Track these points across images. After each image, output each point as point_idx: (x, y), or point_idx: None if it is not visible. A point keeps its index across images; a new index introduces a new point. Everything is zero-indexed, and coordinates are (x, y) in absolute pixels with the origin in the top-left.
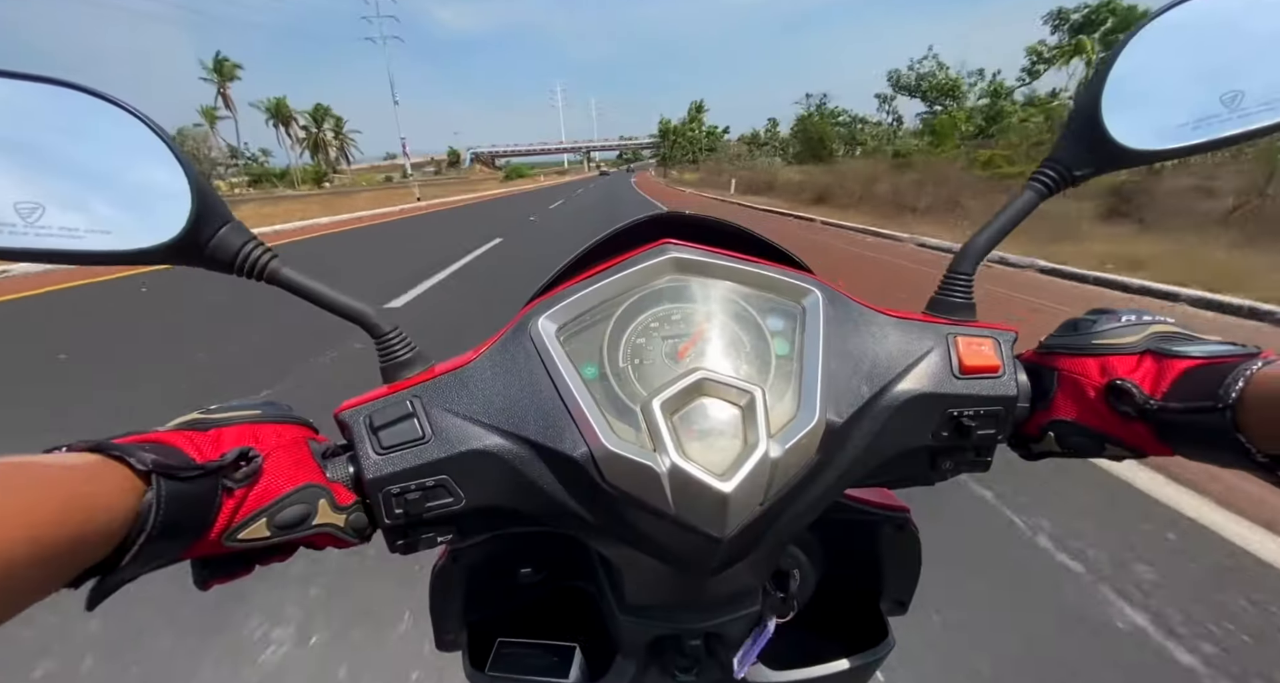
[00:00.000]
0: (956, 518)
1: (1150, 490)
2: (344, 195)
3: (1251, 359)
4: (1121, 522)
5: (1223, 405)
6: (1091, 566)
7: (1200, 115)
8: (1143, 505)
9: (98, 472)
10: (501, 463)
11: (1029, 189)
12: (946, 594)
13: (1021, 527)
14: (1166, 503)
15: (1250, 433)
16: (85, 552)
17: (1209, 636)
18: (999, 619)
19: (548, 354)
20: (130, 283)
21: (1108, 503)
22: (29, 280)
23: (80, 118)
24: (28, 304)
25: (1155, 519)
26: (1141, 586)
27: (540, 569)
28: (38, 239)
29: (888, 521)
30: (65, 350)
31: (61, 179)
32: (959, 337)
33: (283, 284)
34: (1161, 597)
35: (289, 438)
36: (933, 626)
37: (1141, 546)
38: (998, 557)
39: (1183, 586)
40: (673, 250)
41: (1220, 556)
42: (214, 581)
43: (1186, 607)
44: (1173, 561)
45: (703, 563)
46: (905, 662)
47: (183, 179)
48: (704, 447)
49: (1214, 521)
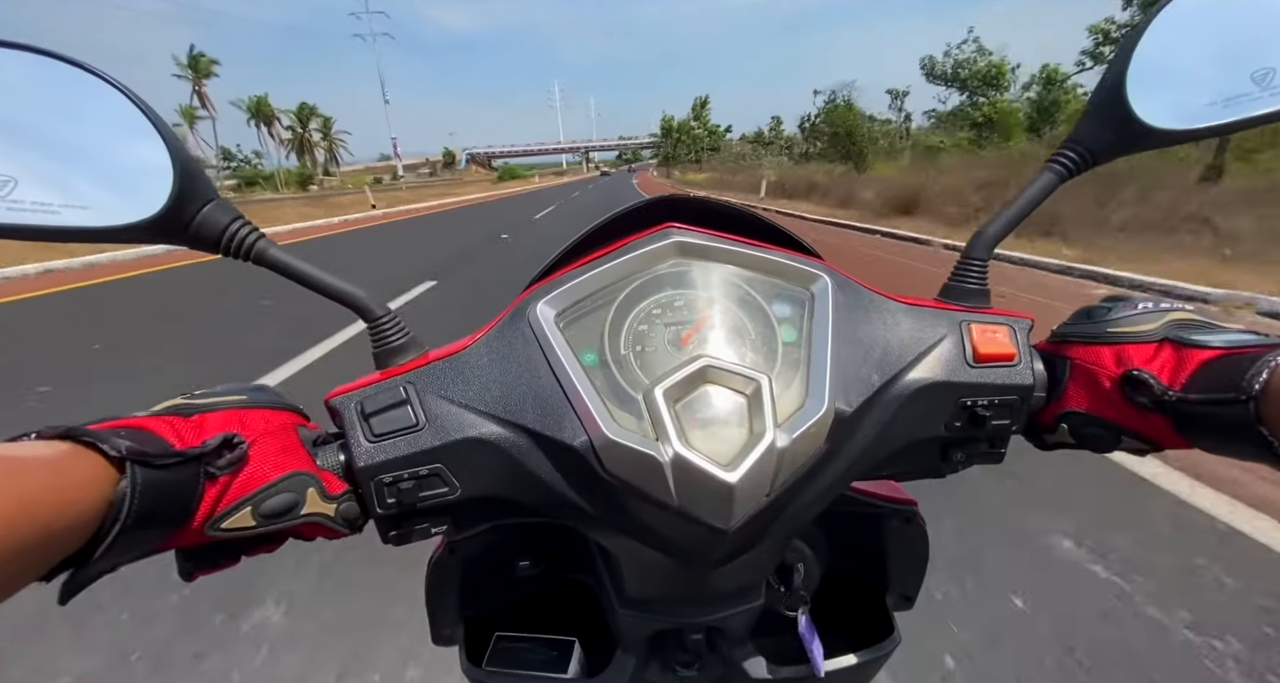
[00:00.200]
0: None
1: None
2: (313, 201)
3: (1275, 350)
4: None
5: (1245, 397)
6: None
7: (1230, 94)
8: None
9: (69, 460)
10: (498, 452)
11: (1048, 171)
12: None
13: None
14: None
15: (1273, 426)
16: (56, 544)
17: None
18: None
19: (546, 340)
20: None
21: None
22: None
23: (57, 87)
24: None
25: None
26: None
27: (538, 562)
28: (9, 214)
29: (895, 513)
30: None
31: (36, 152)
32: (973, 324)
33: (271, 265)
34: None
35: (277, 424)
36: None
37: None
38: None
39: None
40: (676, 234)
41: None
42: (199, 572)
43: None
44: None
45: (706, 556)
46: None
47: (165, 154)
48: (708, 436)
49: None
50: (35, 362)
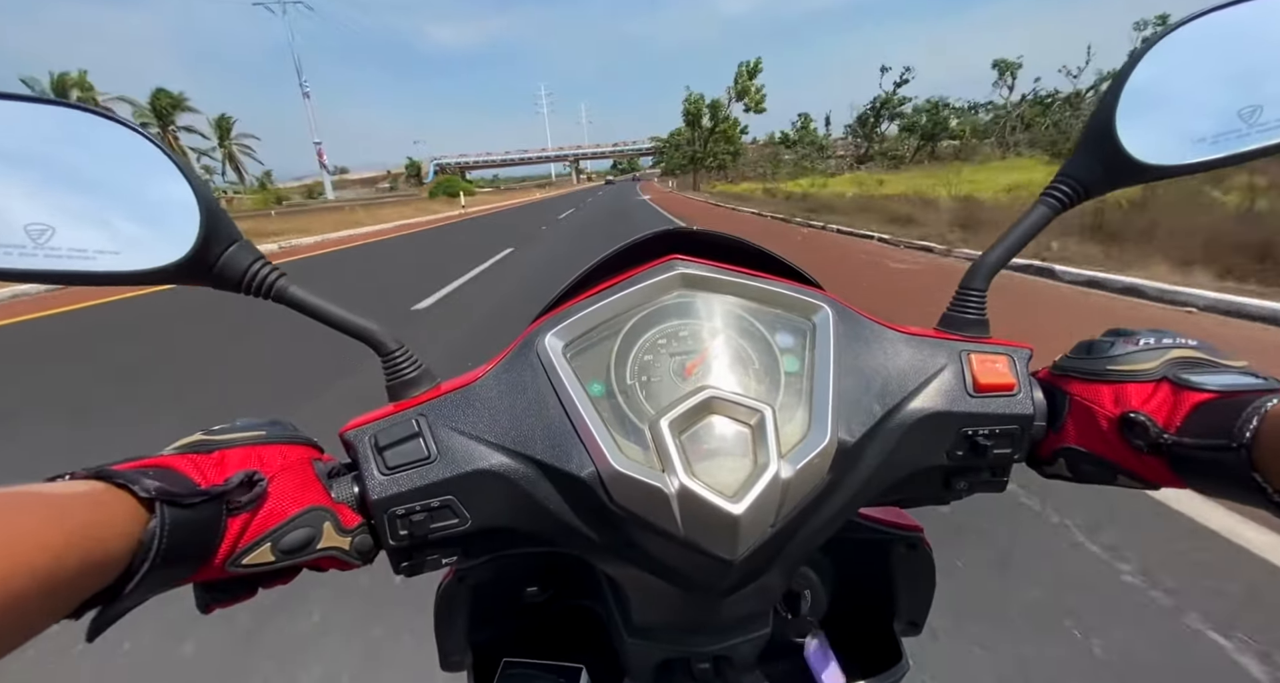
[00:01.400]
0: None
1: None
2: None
3: (1268, 395)
4: None
5: (1236, 445)
6: None
7: (1218, 130)
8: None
9: (101, 500)
10: (507, 483)
11: (1042, 204)
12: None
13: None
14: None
15: (1266, 472)
16: (87, 582)
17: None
18: None
19: (554, 372)
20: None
21: None
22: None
23: (88, 139)
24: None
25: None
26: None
27: (546, 589)
28: (48, 261)
29: (900, 540)
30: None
31: (71, 200)
32: (973, 354)
33: (290, 303)
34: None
35: (294, 459)
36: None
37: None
38: None
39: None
40: (680, 266)
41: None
42: (216, 605)
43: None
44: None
45: (713, 586)
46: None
47: (192, 198)
48: (713, 467)
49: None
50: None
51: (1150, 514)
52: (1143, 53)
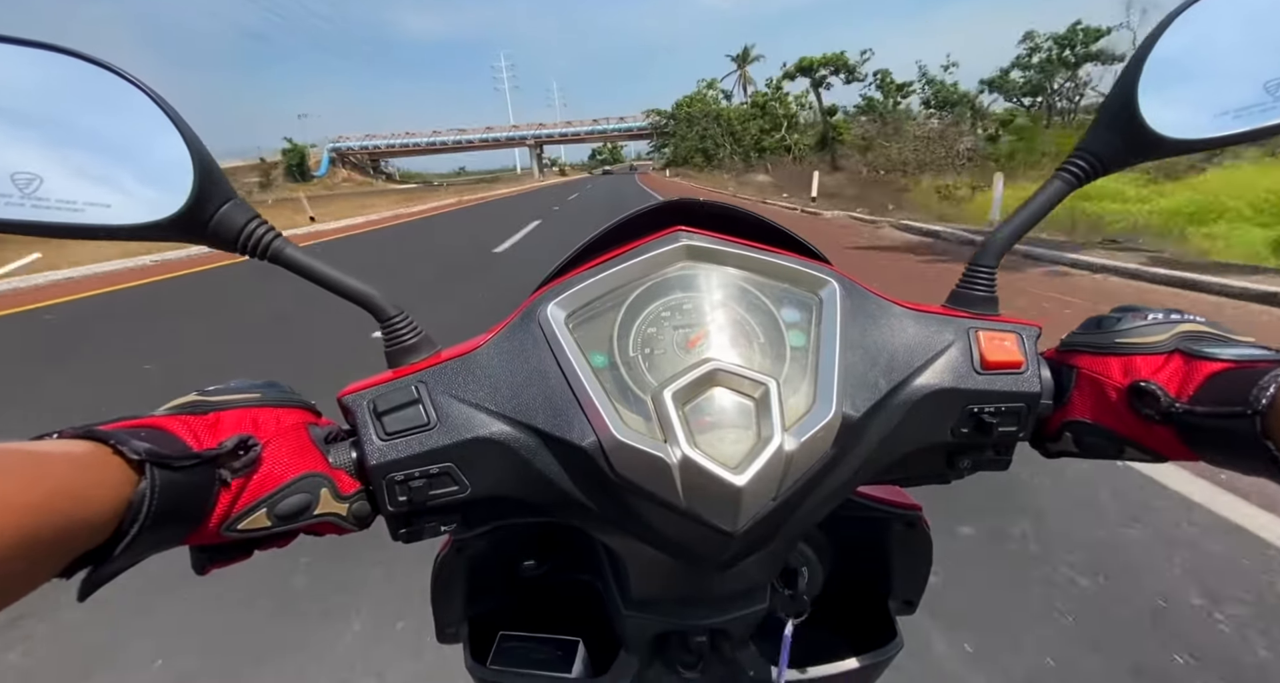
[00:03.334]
0: None
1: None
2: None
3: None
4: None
5: (1252, 412)
6: None
7: (1242, 103)
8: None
9: (90, 459)
10: (507, 451)
11: (1058, 179)
12: None
13: None
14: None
15: (1278, 441)
16: (75, 541)
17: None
18: None
19: (556, 341)
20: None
21: None
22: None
23: (81, 86)
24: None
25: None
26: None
27: (544, 562)
28: (35, 211)
29: (898, 518)
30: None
31: (62, 150)
32: (980, 331)
33: (287, 264)
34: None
35: (290, 423)
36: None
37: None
38: None
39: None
40: (685, 237)
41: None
42: (212, 565)
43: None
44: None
45: (712, 558)
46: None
47: (185, 153)
48: (716, 439)
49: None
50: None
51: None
52: (1167, 23)
